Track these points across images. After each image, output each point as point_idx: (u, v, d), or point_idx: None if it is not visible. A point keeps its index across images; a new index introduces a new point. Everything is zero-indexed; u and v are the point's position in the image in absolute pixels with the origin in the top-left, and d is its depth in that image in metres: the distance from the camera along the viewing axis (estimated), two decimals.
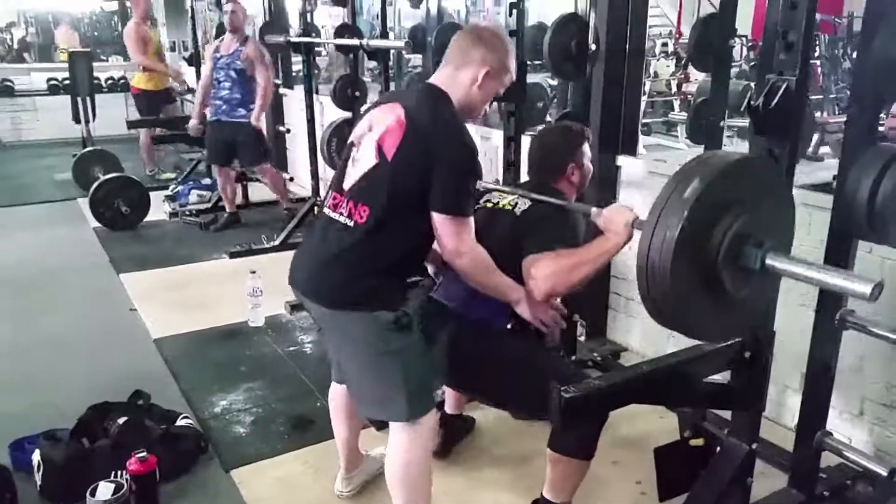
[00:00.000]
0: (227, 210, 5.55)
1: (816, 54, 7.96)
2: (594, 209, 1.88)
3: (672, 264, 1.35)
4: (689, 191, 1.36)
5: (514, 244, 2.00)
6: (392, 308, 1.82)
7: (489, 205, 2.20)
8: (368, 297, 1.82)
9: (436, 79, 1.93)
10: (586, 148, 2.27)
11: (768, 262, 1.42)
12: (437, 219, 1.79)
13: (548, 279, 1.87)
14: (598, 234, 1.88)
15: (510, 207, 2.14)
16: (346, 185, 1.89)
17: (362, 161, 1.87)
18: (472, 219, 1.83)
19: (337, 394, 2.27)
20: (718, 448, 2.00)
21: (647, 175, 3.21)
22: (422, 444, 1.94)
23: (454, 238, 1.81)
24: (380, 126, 1.86)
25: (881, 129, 3.63)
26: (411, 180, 1.78)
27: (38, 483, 2.36)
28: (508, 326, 2.10)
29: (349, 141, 1.98)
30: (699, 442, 2.14)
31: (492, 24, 2.13)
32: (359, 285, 1.83)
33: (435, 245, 1.92)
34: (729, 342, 1.82)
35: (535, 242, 1.96)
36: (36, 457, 2.38)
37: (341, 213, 1.86)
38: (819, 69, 8.05)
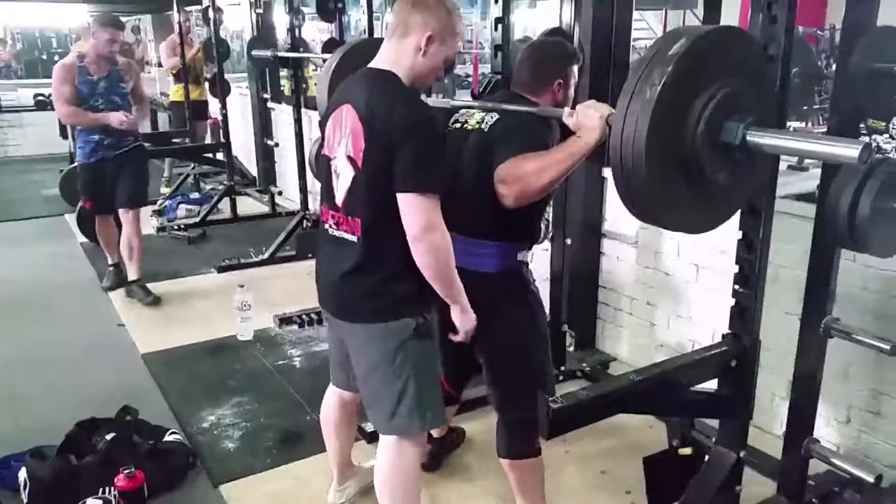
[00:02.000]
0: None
1: None
2: (566, 109, 1.76)
3: (646, 146, 1.25)
4: (663, 60, 1.26)
5: (480, 160, 1.93)
6: (415, 314, 1.83)
7: (457, 125, 2.10)
8: (392, 305, 1.83)
9: (379, 57, 1.86)
10: (576, 69, 2.17)
11: (749, 137, 1.33)
12: (402, 199, 1.72)
13: (517, 182, 1.80)
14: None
15: (477, 125, 2.04)
16: (339, 200, 1.89)
17: (343, 174, 1.86)
18: (438, 197, 1.73)
19: (329, 407, 2.27)
20: (707, 456, 2.01)
21: None
22: (411, 455, 1.96)
23: (417, 215, 1.71)
24: (344, 134, 1.83)
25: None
26: (384, 178, 1.73)
27: (25, 501, 2.34)
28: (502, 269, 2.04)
29: (323, 153, 1.95)
30: (688, 451, 2.15)
31: None
32: (380, 294, 1.83)
33: None
34: (714, 351, 1.83)
35: (502, 152, 1.87)
36: (22, 474, 2.36)
37: (344, 230, 1.87)
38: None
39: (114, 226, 4.48)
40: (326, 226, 1.94)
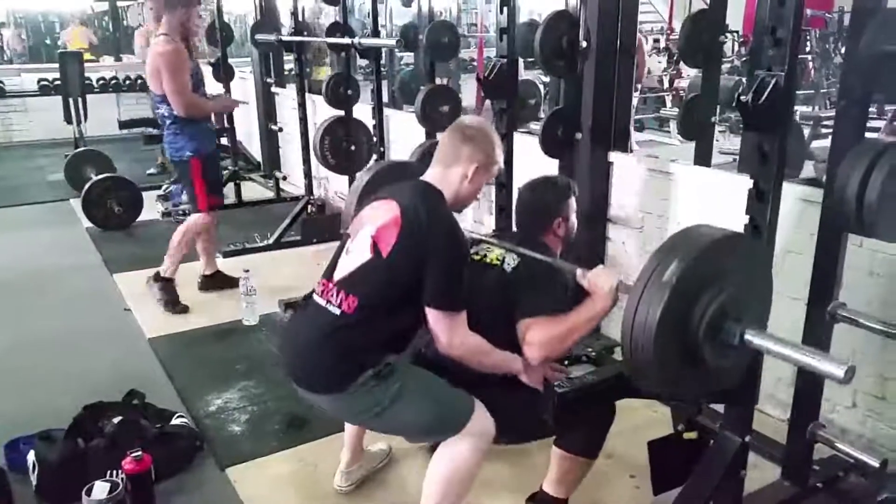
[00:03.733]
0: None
1: (807, 49, 7.99)
2: (579, 270, 1.94)
3: (655, 342, 1.44)
4: (668, 273, 1.45)
5: (504, 304, 2.03)
6: (370, 366, 1.85)
7: (476, 258, 2.20)
8: (352, 371, 1.85)
9: (428, 177, 2.03)
10: (572, 202, 2.31)
11: (746, 337, 1.50)
12: (431, 314, 1.87)
13: (543, 346, 1.92)
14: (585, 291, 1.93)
15: (498, 263, 2.17)
16: (337, 275, 1.95)
17: (355, 254, 1.94)
18: (464, 313, 1.89)
19: None
20: (712, 441, 2.01)
21: (640, 172, 3.22)
22: (477, 448, 1.90)
23: (448, 333, 1.88)
24: (376, 221, 1.93)
25: None
26: (405, 276, 1.86)
27: (34, 483, 2.36)
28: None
29: (345, 232, 2.08)
30: (693, 435, 2.15)
31: (478, 119, 2.18)
32: (343, 368, 1.87)
33: None
34: None
35: (529, 305, 1.99)
36: (31, 457, 2.38)
37: (330, 302, 1.92)
38: (810, 64, 8.08)
39: None
40: (315, 295, 2.00)
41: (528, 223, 2.32)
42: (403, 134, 4.77)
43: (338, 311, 1.89)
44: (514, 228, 2.44)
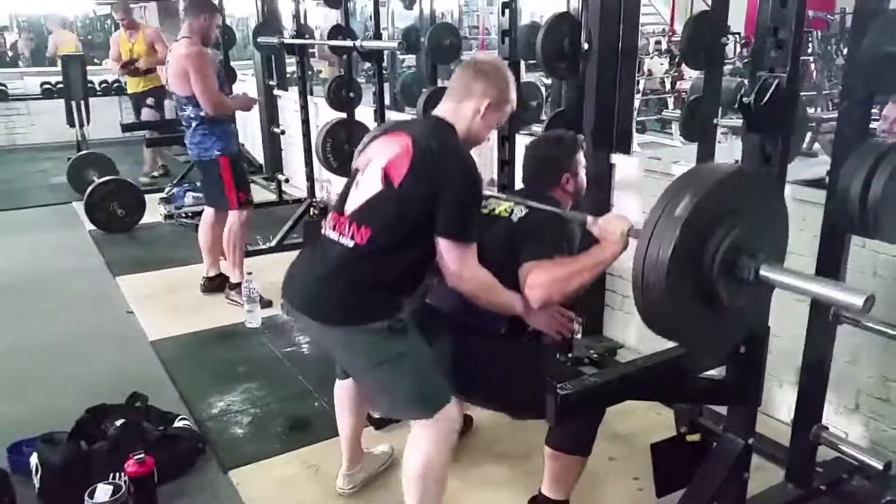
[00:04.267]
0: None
1: (809, 51, 7.99)
2: (589, 218, 1.88)
3: (667, 280, 1.37)
4: (680, 207, 1.38)
5: (510, 251, 2.01)
6: (385, 317, 1.86)
7: (485, 211, 2.21)
8: (362, 311, 1.86)
9: (439, 111, 2.00)
10: (580, 157, 2.29)
11: (762, 273, 1.44)
12: (442, 244, 1.85)
13: (544, 287, 1.89)
14: (593, 242, 1.90)
15: (506, 214, 2.16)
16: (349, 208, 1.94)
17: (366, 186, 1.92)
18: (475, 245, 1.88)
19: (342, 388, 2.30)
20: (715, 443, 2.01)
21: (642, 173, 3.21)
22: (441, 441, 1.93)
23: (458, 263, 1.86)
24: (386, 153, 1.92)
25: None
26: (417, 207, 1.84)
27: (37, 486, 2.36)
28: (502, 331, 2.11)
29: (353, 167, 2.05)
30: (696, 437, 2.15)
31: (492, 55, 2.19)
32: (354, 301, 1.87)
33: None
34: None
35: (532, 250, 1.97)
36: (34, 460, 2.38)
37: (342, 234, 1.91)
38: (812, 66, 8.08)
39: None
40: (326, 229, 1.99)
41: (536, 178, 2.28)
42: None
43: (351, 244, 1.87)
44: (521, 184, 2.38)
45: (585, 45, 2.99)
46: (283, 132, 6.27)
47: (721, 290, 1.44)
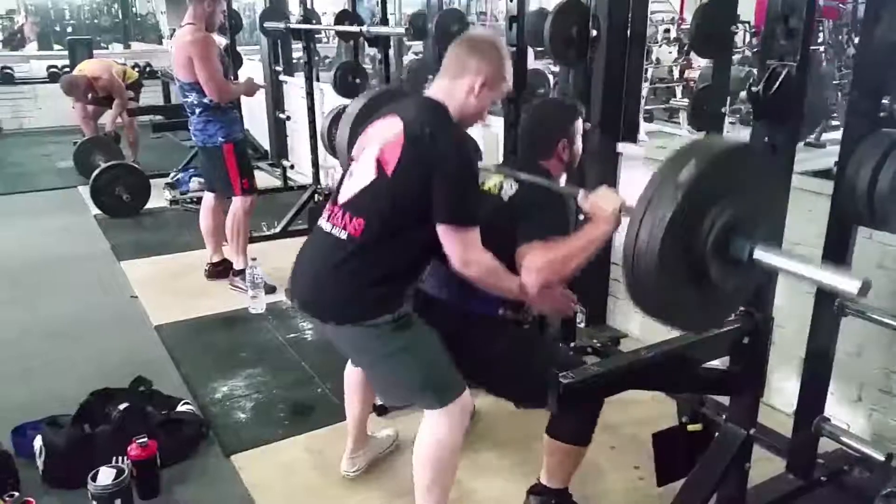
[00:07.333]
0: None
1: (820, 40, 7.91)
2: (581, 192, 1.83)
3: (659, 255, 1.33)
4: (678, 180, 1.34)
5: (502, 231, 1.97)
6: (388, 311, 1.85)
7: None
8: (366, 309, 1.85)
9: (433, 90, 1.95)
10: (578, 125, 2.23)
11: (756, 254, 1.40)
12: (442, 230, 1.80)
13: (541, 271, 1.85)
14: (586, 217, 1.86)
15: (496, 191, 2.11)
16: (343, 198, 1.91)
17: (360, 175, 1.89)
18: (477, 228, 1.83)
19: (353, 372, 2.30)
20: (716, 433, 2.01)
21: (649, 163, 3.20)
22: (454, 427, 1.92)
23: (460, 248, 1.81)
24: (379, 140, 1.88)
25: None
26: (411, 195, 1.80)
27: (40, 468, 2.38)
28: (500, 312, 2.09)
29: (350, 155, 2.02)
30: (697, 427, 2.15)
31: (488, 32, 2.12)
32: (356, 299, 1.86)
33: None
34: (727, 328, 1.82)
35: (526, 232, 1.94)
36: (38, 442, 2.40)
37: (335, 225, 1.89)
38: (823, 56, 8.00)
39: None
40: (321, 220, 1.96)
41: (532, 143, 2.23)
42: None
43: (344, 235, 1.85)
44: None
45: (594, 32, 2.97)
46: (288, 118, 6.26)
47: (713, 270, 1.40)
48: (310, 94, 5.06)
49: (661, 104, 8.74)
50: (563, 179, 2.30)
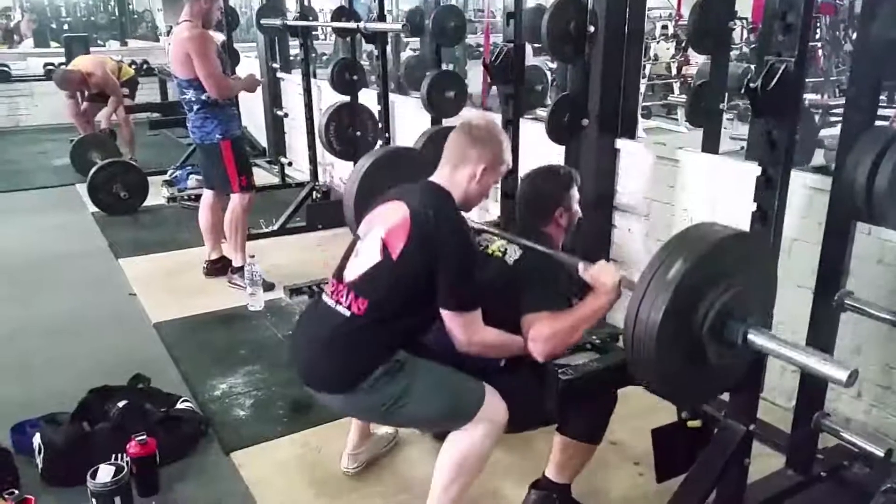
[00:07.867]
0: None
1: (817, 36, 7.91)
2: (581, 264, 1.94)
3: (657, 340, 1.43)
4: (673, 270, 1.44)
5: (508, 296, 2.01)
6: (379, 364, 1.87)
7: (478, 249, 2.20)
8: (358, 373, 1.88)
9: (437, 177, 2.03)
10: (574, 191, 2.29)
11: (749, 337, 1.49)
12: (447, 315, 1.89)
13: (547, 342, 1.91)
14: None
15: (500, 254, 2.16)
16: (348, 276, 1.96)
17: (365, 256, 1.95)
18: (478, 311, 1.91)
19: None
20: (716, 429, 2.01)
21: (647, 159, 3.20)
22: (488, 433, 1.91)
23: (464, 331, 1.90)
24: (385, 223, 1.94)
25: None
26: (415, 279, 1.87)
27: (39, 466, 2.37)
28: (502, 363, 2.10)
29: (356, 234, 2.08)
30: (697, 423, 2.15)
31: (485, 118, 2.18)
32: (350, 366, 1.89)
33: None
34: None
35: (532, 301, 1.99)
36: (37, 440, 2.39)
37: (340, 303, 1.94)
38: (820, 52, 8.00)
39: None
40: (325, 295, 2.01)
41: (530, 213, 2.31)
42: (409, 120, 4.76)
43: (347, 313, 1.91)
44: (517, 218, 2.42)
45: (591, 29, 2.97)
46: (286, 115, 6.25)
47: (709, 352, 1.51)
48: (307, 91, 5.06)
49: (658, 100, 8.73)
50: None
